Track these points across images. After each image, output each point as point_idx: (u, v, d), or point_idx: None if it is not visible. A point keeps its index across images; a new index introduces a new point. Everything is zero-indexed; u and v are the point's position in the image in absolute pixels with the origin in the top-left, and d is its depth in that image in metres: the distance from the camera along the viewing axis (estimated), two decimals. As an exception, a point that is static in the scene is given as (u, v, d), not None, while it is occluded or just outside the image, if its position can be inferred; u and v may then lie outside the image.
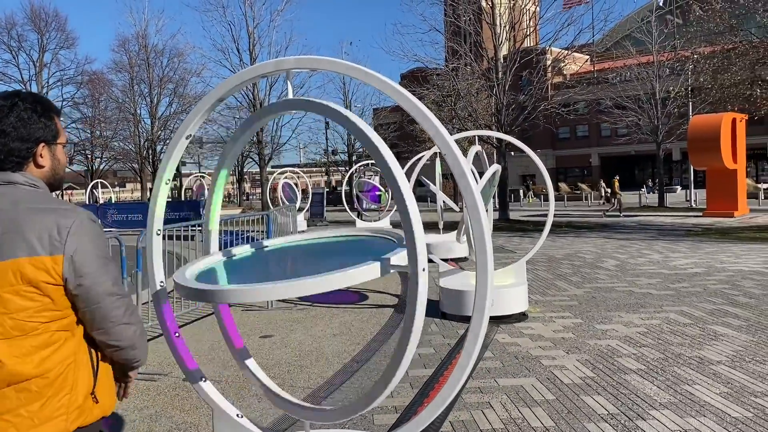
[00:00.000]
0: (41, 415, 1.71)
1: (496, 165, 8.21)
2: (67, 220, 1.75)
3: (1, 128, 1.81)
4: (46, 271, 1.70)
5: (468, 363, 2.43)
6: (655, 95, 31.47)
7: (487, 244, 2.39)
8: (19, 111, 1.83)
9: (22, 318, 1.70)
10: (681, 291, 8.91)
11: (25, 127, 1.84)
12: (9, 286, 1.68)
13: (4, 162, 1.83)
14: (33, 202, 1.78)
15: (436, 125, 2.37)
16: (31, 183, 1.84)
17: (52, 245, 1.70)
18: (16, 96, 1.87)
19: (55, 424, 1.73)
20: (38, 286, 1.70)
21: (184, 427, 4.48)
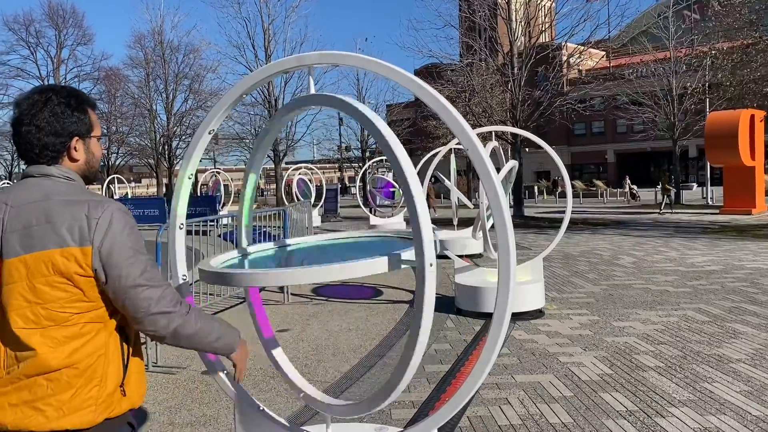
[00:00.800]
0: (71, 404, 1.72)
1: (513, 161, 8.19)
2: (97, 212, 1.75)
3: (35, 123, 1.82)
4: (76, 262, 1.71)
5: (490, 359, 2.44)
6: (671, 91, 31.22)
7: (510, 241, 2.39)
8: (52, 105, 1.84)
9: (55, 309, 1.71)
10: (698, 288, 8.84)
11: (59, 121, 1.84)
12: (42, 277, 1.70)
13: (39, 156, 1.84)
14: (65, 194, 1.79)
15: (462, 123, 2.37)
16: (66, 176, 1.86)
17: (81, 237, 1.71)
18: (50, 90, 1.88)
19: (83, 415, 1.74)
20: (70, 278, 1.71)
21: (204, 420, 4.53)
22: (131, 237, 1.80)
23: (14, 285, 1.71)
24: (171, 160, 46.33)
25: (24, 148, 1.85)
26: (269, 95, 37.72)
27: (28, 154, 1.85)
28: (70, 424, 1.72)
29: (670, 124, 31.65)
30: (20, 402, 1.71)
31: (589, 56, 27.27)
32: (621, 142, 60.20)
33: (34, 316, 1.71)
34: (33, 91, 1.89)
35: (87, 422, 1.74)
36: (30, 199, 1.77)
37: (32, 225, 1.72)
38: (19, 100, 1.87)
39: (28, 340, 1.70)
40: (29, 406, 1.70)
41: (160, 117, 47.08)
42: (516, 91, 23.83)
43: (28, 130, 1.82)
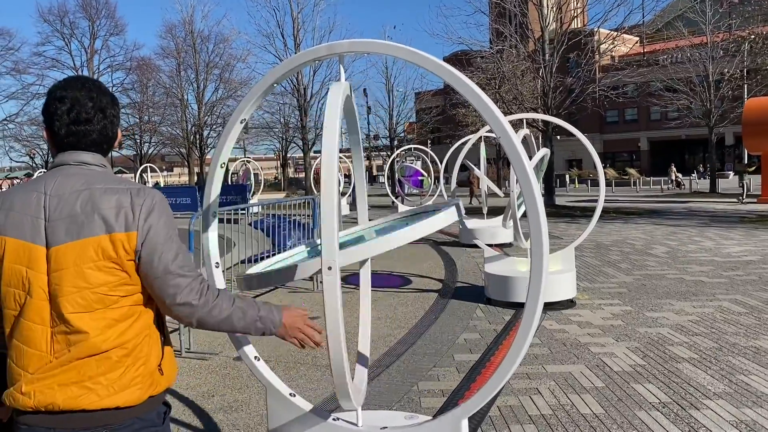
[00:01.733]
0: (120, 383, 1.79)
1: (545, 149, 8.10)
2: (140, 198, 1.83)
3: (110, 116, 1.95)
4: (123, 247, 1.77)
5: (522, 349, 2.42)
6: (708, 77, 30.42)
7: (543, 229, 2.36)
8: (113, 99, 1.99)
9: (103, 292, 1.78)
10: (735, 279, 8.66)
11: (119, 111, 2.01)
12: (91, 262, 1.76)
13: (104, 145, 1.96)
14: (105, 182, 1.85)
15: (493, 109, 2.34)
16: (101, 164, 1.93)
17: (127, 222, 1.78)
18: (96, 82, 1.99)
19: (132, 392, 1.81)
20: (118, 262, 1.78)
21: (236, 405, 4.59)
22: (169, 224, 1.87)
23: (63, 271, 1.76)
24: (202, 150, 46.88)
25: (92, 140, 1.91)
26: (298, 84, 37.84)
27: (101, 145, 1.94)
28: (121, 401, 1.79)
29: (706, 111, 30.88)
30: (70, 382, 1.76)
31: (623, 42, 26.76)
32: (655, 129, 59.02)
33: (84, 300, 1.76)
34: (77, 82, 1.93)
35: (135, 399, 1.81)
36: (72, 188, 1.81)
37: (78, 213, 1.77)
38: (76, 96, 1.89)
39: (79, 323, 1.75)
40: (79, 385, 1.76)
41: (191, 106, 47.63)
42: (547, 78, 23.50)
43: (105, 124, 1.92)
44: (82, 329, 1.76)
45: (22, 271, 1.78)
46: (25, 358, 1.77)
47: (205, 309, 1.86)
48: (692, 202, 25.34)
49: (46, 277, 1.77)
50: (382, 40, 2.62)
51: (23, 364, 1.77)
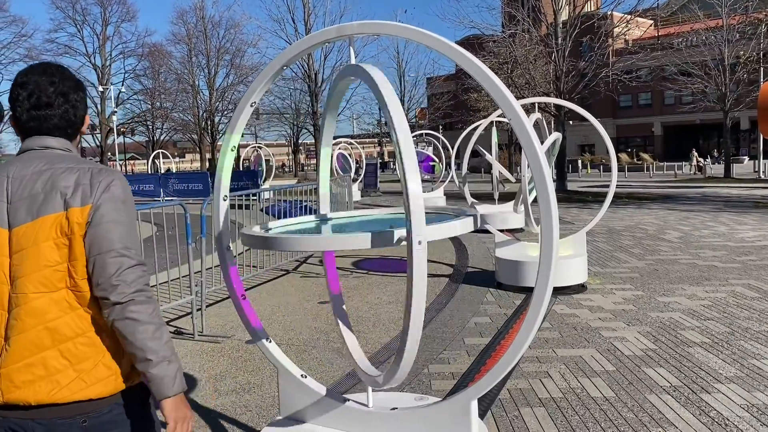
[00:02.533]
0: (90, 375, 1.73)
1: (557, 133, 8.05)
2: (100, 176, 1.79)
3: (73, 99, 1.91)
4: (77, 221, 1.72)
5: (531, 331, 2.43)
6: (723, 61, 30.00)
7: (553, 211, 2.36)
8: (76, 83, 1.94)
9: (64, 269, 1.72)
10: (748, 264, 8.60)
11: (84, 96, 1.99)
12: (50, 239, 1.72)
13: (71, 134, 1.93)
14: (67, 162, 1.83)
15: (504, 92, 2.33)
16: (65, 148, 1.90)
17: (83, 197, 1.74)
18: (59, 67, 1.95)
19: (106, 384, 1.75)
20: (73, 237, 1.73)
21: (248, 387, 4.64)
22: (125, 206, 1.80)
23: (24, 251, 1.72)
24: (214, 135, 47.01)
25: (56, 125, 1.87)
26: (309, 69, 37.75)
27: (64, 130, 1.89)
28: (94, 393, 1.73)
29: (721, 95, 30.50)
30: (37, 377, 1.70)
31: (636, 25, 26.40)
32: (668, 114, 58.43)
33: (45, 279, 1.71)
34: (39, 68, 1.90)
35: (110, 390, 1.75)
36: (33, 169, 1.79)
37: (38, 192, 1.75)
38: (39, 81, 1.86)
39: (38, 305, 1.70)
40: (49, 380, 1.70)
41: (202, 92, 47.73)
42: (560, 62, 23.28)
43: (66, 108, 1.88)
44: (42, 310, 1.70)
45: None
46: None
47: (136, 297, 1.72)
48: (706, 187, 25.13)
49: (8, 260, 1.73)
50: (392, 22, 2.61)
51: None
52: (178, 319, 6.72)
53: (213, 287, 7.14)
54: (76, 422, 1.73)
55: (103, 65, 50.16)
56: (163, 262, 7.02)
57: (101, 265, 1.70)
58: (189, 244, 6.16)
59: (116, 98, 48.43)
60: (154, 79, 50.22)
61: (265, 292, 7.88)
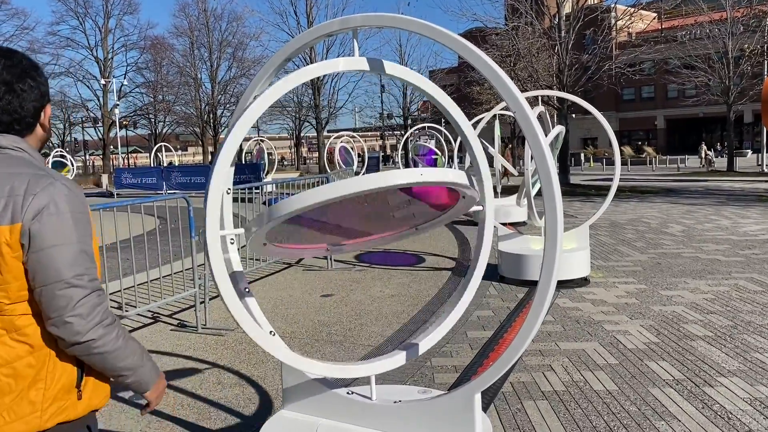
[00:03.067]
0: (13, 410, 1.54)
1: (560, 126, 8.03)
2: (36, 187, 1.54)
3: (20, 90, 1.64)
4: (5, 242, 1.50)
5: (535, 324, 2.42)
6: (727, 54, 29.85)
7: (557, 203, 2.35)
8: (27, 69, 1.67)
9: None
10: (751, 258, 8.59)
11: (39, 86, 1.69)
12: None
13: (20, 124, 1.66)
14: (8, 167, 1.59)
15: (508, 83, 2.32)
16: (17, 147, 1.64)
17: (14, 213, 1.51)
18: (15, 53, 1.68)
19: (29, 420, 1.55)
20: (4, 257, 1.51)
21: (252, 380, 4.65)
22: (68, 220, 1.55)
23: None
24: (216, 129, 46.96)
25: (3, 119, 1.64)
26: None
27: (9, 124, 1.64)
28: (16, 431, 1.55)
29: (724, 88, 30.37)
30: None
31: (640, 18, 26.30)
32: (672, 107, 58.21)
33: None
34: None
35: (34, 428, 1.56)
36: None
37: None
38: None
39: None
40: None
41: (204, 85, 47.64)
42: (563, 55, 23.21)
43: (10, 98, 1.63)
44: None
45: None
46: None
47: (95, 333, 1.56)
48: (709, 180, 25.07)
49: None
50: (397, 14, 2.60)
51: None
52: (182, 312, 6.73)
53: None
54: None
55: (106, 58, 50.09)
56: (167, 255, 7.03)
57: (49, 298, 1.51)
58: (192, 237, 6.16)
59: (118, 91, 48.38)
60: (157, 72, 50.15)
61: (269, 285, 7.89)
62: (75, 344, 1.54)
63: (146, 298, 6.64)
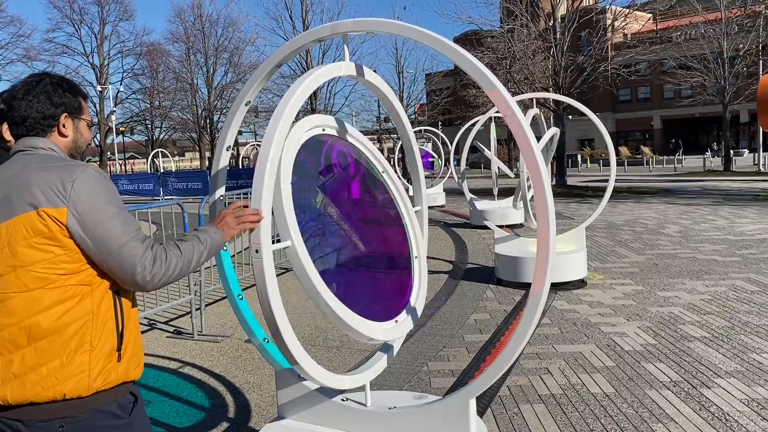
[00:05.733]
0: (62, 372, 1.74)
1: (554, 128, 8.03)
2: (71, 174, 1.79)
3: (27, 98, 1.94)
4: (54, 222, 1.74)
5: (528, 328, 2.41)
6: (722, 54, 29.93)
7: (549, 207, 2.34)
8: (45, 84, 1.97)
9: (38, 270, 1.74)
10: (748, 258, 8.59)
11: (50, 97, 1.96)
12: (23, 239, 1.74)
13: (30, 128, 1.94)
14: (43, 162, 1.85)
15: (498, 87, 2.32)
16: (50, 148, 1.93)
17: (57, 197, 1.75)
18: (44, 74, 2.03)
19: (77, 381, 1.75)
20: (49, 237, 1.75)
21: (247, 387, 4.64)
22: (105, 197, 1.81)
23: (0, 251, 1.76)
24: (213, 134, 46.93)
25: (15, 122, 1.94)
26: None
27: (19, 127, 1.94)
28: (66, 390, 1.74)
29: (720, 88, 30.43)
30: (13, 375, 1.73)
31: (635, 19, 26.36)
32: (668, 107, 58.31)
33: (19, 279, 1.74)
34: (29, 75, 2.03)
35: (83, 389, 1.76)
36: (10, 171, 1.84)
37: (11, 193, 1.79)
38: (15, 83, 2.00)
39: (13, 304, 1.73)
40: (23, 378, 1.73)
41: (201, 91, 47.63)
42: (558, 57, 23.23)
43: (20, 104, 1.93)
44: (17, 311, 1.73)
45: None
46: None
47: (162, 269, 1.83)
48: (706, 180, 25.10)
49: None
50: (386, 19, 2.60)
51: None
52: (178, 319, 6.71)
53: (212, 286, 7.13)
54: (53, 425, 1.74)
55: (102, 64, 50.07)
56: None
57: (117, 264, 1.78)
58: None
59: (115, 97, 48.35)
60: (153, 78, 50.16)
61: (265, 291, 7.88)
62: (154, 288, 1.85)
63: (142, 304, 6.61)
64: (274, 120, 2.31)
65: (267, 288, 2.21)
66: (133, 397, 1.90)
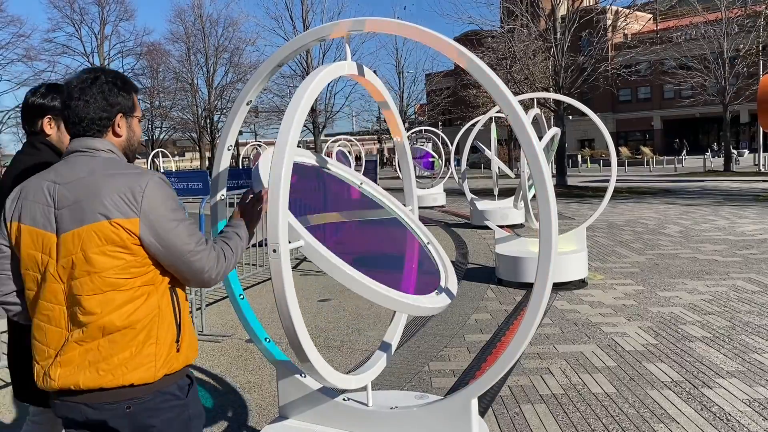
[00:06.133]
0: (132, 362, 1.90)
1: (555, 128, 8.03)
2: (141, 183, 1.89)
3: (84, 98, 1.98)
4: (125, 231, 1.85)
5: (531, 328, 2.41)
6: (722, 54, 29.90)
7: (551, 206, 2.34)
8: (101, 83, 2.01)
9: (110, 276, 1.86)
10: (749, 258, 8.58)
11: (106, 97, 2.01)
12: (96, 247, 1.85)
13: (86, 129, 2.00)
14: (108, 168, 1.94)
15: (501, 88, 2.32)
16: (108, 149, 2.01)
17: (128, 208, 1.86)
18: (99, 71, 2.06)
19: (145, 370, 1.91)
20: (121, 245, 1.86)
21: (248, 387, 4.63)
22: (170, 204, 1.94)
23: (72, 257, 1.86)
24: (213, 134, 46.92)
25: (72, 122, 2.00)
26: (308, 67, 37.66)
27: (76, 127, 2.00)
28: (134, 378, 1.89)
29: (720, 89, 30.40)
30: (88, 363, 1.89)
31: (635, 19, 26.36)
32: (668, 108, 58.30)
33: (93, 283, 1.86)
34: (82, 71, 2.05)
35: (149, 377, 1.91)
36: (77, 175, 1.92)
37: (81, 200, 1.87)
38: (69, 79, 2.03)
39: (89, 305, 1.86)
40: (95, 366, 1.88)
41: (201, 91, 47.61)
42: (559, 57, 23.23)
43: (77, 104, 1.98)
44: (93, 311, 1.86)
45: (38, 256, 1.91)
46: (48, 335, 1.91)
47: (223, 267, 2.04)
48: (706, 180, 25.09)
49: (55, 262, 1.89)
50: (387, 18, 2.59)
51: (46, 340, 1.92)
52: (178, 319, 6.71)
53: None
54: (121, 407, 1.91)
55: (102, 64, 50.03)
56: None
57: (187, 267, 1.95)
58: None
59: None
60: (153, 78, 50.11)
61: (266, 291, 7.86)
62: (216, 283, 2.06)
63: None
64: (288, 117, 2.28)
65: (284, 286, 2.21)
66: (189, 380, 2.08)
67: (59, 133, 2.70)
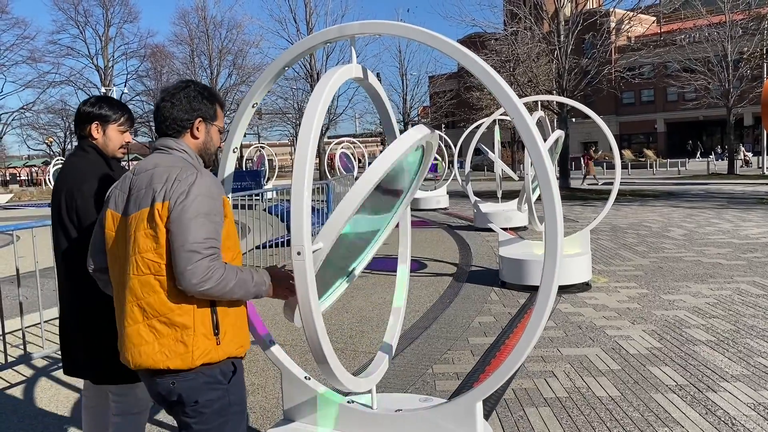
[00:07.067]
0: (170, 350, 2.06)
1: (559, 131, 8.02)
2: (184, 174, 2.07)
3: (171, 101, 2.24)
4: (158, 214, 2.03)
5: (536, 331, 2.41)
6: (726, 57, 29.86)
7: (557, 210, 2.34)
8: (188, 91, 2.27)
9: (149, 257, 2.05)
10: (753, 261, 8.56)
11: (189, 102, 2.26)
12: (142, 228, 2.06)
13: (167, 128, 2.25)
14: (170, 162, 2.14)
15: (506, 90, 2.32)
16: (182, 149, 2.22)
17: (165, 193, 2.04)
18: (191, 81, 2.34)
19: (182, 359, 2.06)
20: (156, 227, 2.04)
21: (252, 389, 4.63)
22: (205, 203, 2.05)
23: (130, 237, 2.10)
24: (216, 136, 46.94)
25: (158, 121, 2.26)
26: (311, 69, 37.73)
27: (160, 126, 2.25)
28: (173, 365, 2.06)
29: (724, 91, 30.37)
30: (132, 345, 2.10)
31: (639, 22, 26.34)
32: (671, 110, 58.26)
33: (136, 264, 2.07)
34: (177, 81, 2.35)
35: (186, 364, 2.07)
36: (145, 168, 2.17)
37: (142, 187, 2.10)
38: (165, 86, 2.36)
39: (133, 284, 2.07)
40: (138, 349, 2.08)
41: (204, 93, 47.63)
42: (562, 60, 23.22)
43: (164, 105, 2.24)
44: (135, 291, 2.07)
45: (113, 236, 2.18)
46: (118, 315, 2.17)
47: (216, 285, 2.04)
48: (710, 183, 25.05)
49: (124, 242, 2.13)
50: (393, 21, 2.60)
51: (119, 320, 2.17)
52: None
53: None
54: (167, 381, 2.11)
55: (106, 66, 50.21)
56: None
57: (176, 257, 2.01)
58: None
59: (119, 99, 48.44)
60: (157, 79, 50.22)
61: (269, 293, 7.88)
62: (197, 294, 2.03)
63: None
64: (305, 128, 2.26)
65: (308, 288, 2.18)
66: (233, 368, 2.20)
67: (104, 137, 2.94)
